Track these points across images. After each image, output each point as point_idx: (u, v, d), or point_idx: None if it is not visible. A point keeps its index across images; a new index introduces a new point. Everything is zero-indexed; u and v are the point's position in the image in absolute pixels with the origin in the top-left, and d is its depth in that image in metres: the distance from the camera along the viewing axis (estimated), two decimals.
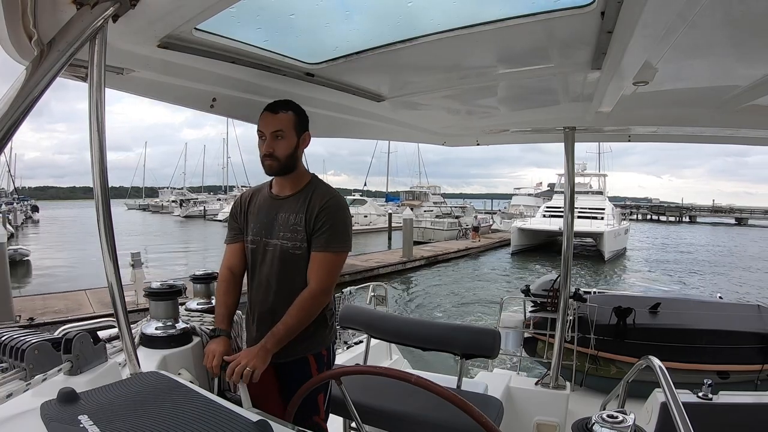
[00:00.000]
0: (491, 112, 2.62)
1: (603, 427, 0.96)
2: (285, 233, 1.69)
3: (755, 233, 43.23)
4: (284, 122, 1.66)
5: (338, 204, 1.70)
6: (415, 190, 47.25)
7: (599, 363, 3.99)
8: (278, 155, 1.65)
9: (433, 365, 6.69)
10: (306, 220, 1.67)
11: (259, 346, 1.54)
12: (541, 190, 44.05)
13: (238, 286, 1.79)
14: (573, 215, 2.90)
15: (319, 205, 1.66)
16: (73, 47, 1.00)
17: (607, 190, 32.66)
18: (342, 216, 1.70)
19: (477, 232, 27.31)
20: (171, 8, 1.09)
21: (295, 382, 1.58)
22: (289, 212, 1.70)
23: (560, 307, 2.89)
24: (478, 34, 1.36)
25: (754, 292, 14.74)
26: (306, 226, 1.67)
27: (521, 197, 43.99)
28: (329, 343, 1.81)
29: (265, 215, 1.75)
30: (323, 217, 1.65)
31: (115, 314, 1.29)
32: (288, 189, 1.75)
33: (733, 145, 21.93)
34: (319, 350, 1.75)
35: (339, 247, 1.67)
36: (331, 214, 1.66)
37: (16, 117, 0.91)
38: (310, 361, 1.73)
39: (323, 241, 1.65)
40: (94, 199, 1.21)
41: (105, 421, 0.94)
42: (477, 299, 13.72)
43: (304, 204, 1.68)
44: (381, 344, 3.26)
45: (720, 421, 1.97)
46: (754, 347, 3.88)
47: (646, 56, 1.40)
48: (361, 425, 1.64)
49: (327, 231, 1.65)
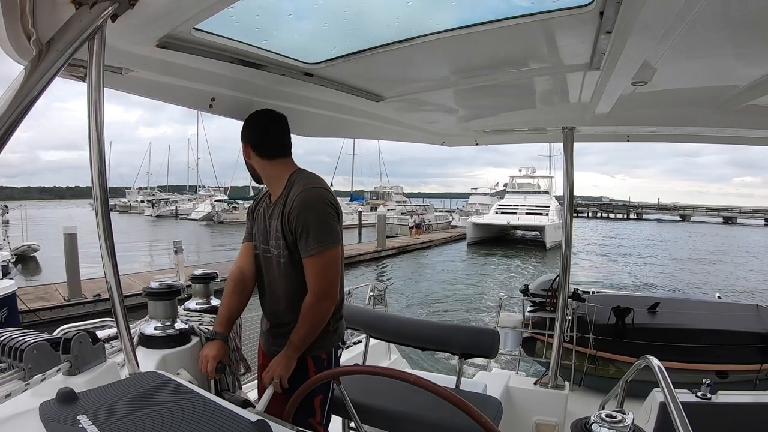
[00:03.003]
0: (490, 112, 2.62)
1: (602, 427, 0.96)
2: (273, 241, 1.68)
3: (694, 228, 49.88)
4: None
5: (308, 197, 1.58)
6: (379, 190, 50.94)
7: (598, 363, 4.00)
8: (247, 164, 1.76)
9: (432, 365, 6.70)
10: (282, 228, 1.62)
11: (282, 354, 1.63)
12: (497, 189, 47.75)
13: (246, 287, 1.78)
14: (572, 215, 2.89)
15: (289, 209, 1.59)
16: (71, 47, 0.99)
17: (554, 190, 36.58)
18: (314, 213, 1.57)
19: (419, 229, 29.63)
20: (170, 8, 1.08)
21: (291, 383, 1.60)
22: (275, 219, 1.66)
23: (559, 307, 2.90)
24: (476, 35, 1.36)
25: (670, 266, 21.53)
26: (284, 232, 1.62)
27: (478, 196, 48.89)
28: (331, 347, 1.75)
29: (262, 222, 1.74)
30: (294, 220, 1.58)
31: (114, 314, 1.29)
32: (275, 193, 1.71)
33: (683, 146, 23.10)
34: (319, 353, 1.72)
35: (317, 248, 1.56)
36: (301, 215, 1.57)
37: (14, 117, 0.91)
38: (308, 363, 1.69)
39: (303, 246, 1.58)
40: (92, 198, 1.21)
41: (104, 421, 0.94)
42: (438, 272, 19.17)
43: (283, 207, 1.63)
44: (380, 344, 3.26)
45: (719, 421, 1.98)
46: (753, 347, 3.90)
47: (645, 56, 1.41)
48: (360, 425, 1.64)
49: (302, 234, 1.57)
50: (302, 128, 2.22)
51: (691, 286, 16.96)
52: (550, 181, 38.60)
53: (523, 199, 32.52)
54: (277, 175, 1.70)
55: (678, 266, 22.07)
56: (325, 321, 1.64)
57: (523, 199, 32.38)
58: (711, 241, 35.19)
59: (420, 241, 26.34)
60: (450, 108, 2.50)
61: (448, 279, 17.43)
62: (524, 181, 38.23)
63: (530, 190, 35.15)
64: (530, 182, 37.68)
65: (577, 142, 2.75)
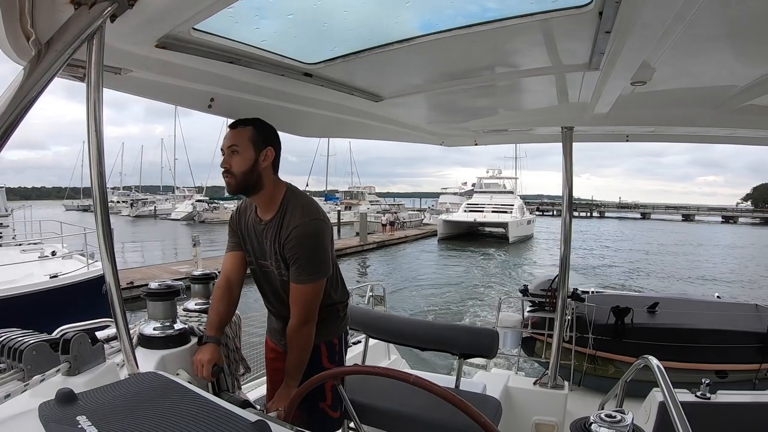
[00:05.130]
0: (489, 112, 2.62)
1: (601, 427, 0.96)
2: (272, 261, 1.71)
3: (654, 225, 55.72)
4: (240, 137, 1.63)
5: (305, 232, 1.61)
6: (353, 190, 54.06)
7: (597, 363, 4.01)
8: (234, 171, 1.62)
9: (432, 365, 6.70)
10: (280, 252, 1.66)
11: (283, 386, 1.69)
12: (465, 189, 49.64)
13: (232, 294, 1.79)
14: (571, 215, 2.89)
15: (285, 236, 1.62)
16: (71, 47, 0.99)
17: (519, 190, 42.37)
18: (310, 243, 1.62)
19: (392, 227, 32.45)
20: (169, 8, 1.08)
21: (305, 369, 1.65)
22: (271, 240, 1.68)
23: (558, 307, 2.89)
24: (475, 35, 1.36)
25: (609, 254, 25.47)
26: (282, 255, 1.66)
27: (448, 196, 51.48)
28: (341, 333, 1.87)
29: (255, 239, 1.75)
30: (289, 250, 1.63)
31: (113, 315, 1.29)
32: (267, 212, 1.70)
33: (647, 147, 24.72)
34: (331, 339, 1.82)
35: (308, 279, 1.63)
36: (298, 245, 1.61)
37: (13, 118, 0.91)
38: (321, 349, 1.78)
39: (294, 273, 1.63)
40: (92, 200, 1.22)
41: (103, 421, 0.94)
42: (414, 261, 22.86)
43: (278, 233, 1.65)
44: (379, 344, 3.26)
45: (718, 421, 1.98)
46: (752, 346, 3.90)
47: (644, 56, 1.41)
48: (359, 425, 1.64)
49: (295, 263, 1.62)
50: (301, 128, 2.22)
51: (645, 272, 20.41)
52: (515, 182, 43.85)
53: (490, 198, 35.59)
54: (275, 189, 1.70)
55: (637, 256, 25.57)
56: (311, 343, 1.69)
57: (489, 199, 35.41)
58: (669, 237, 39.61)
59: (396, 237, 29.42)
60: (449, 108, 2.50)
61: (422, 266, 20.99)
62: (491, 182, 41.56)
63: (497, 190, 38.57)
64: (497, 182, 41.38)
65: (585, 142, 2.74)
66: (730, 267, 22.88)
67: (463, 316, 11.93)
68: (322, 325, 1.75)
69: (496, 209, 32.75)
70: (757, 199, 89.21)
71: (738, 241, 37.53)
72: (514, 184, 42.99)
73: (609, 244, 32.24)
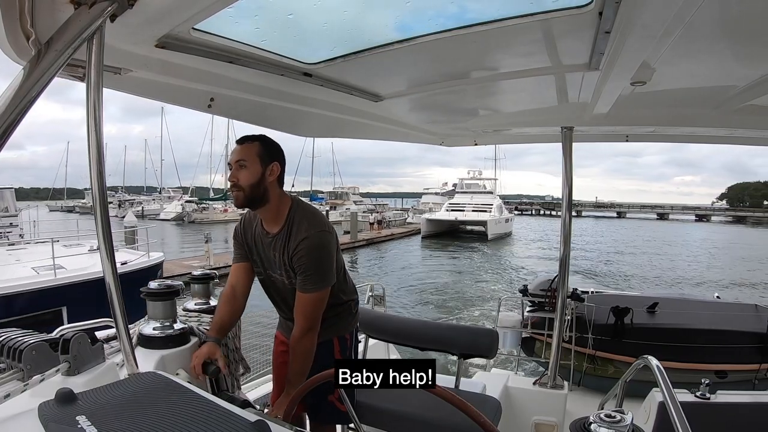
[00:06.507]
0: (489, 112, 2.62)
1: (601, 427, 0.96)
2: (281, 271, 1.75)
3: (629, 223, 58.10)
4: (248, 151, 1.67)
5: (312, 244, 1.67)
6: (337, 191, 54.95)
7: (597, 363, 4.00)
8: (242, 184, 1.66)
9: None
10: (288, 263, 1.71)
11: (285, 394, 1.71)
12: (446, 189, 51.56)
13: (237, 302, 1.83)
14: (570, 215, 2.89)
15: (293, 248, 1.68)
16: (70, 47, 0.99)
17: (498, 190, 45.22)
18: (317, 254, 1.68)
19: (380, 225, 33.80)
20: (169, 8, 1.08)
21: (317, 363, 1.68)
22: (279, 252, 1.73)
23: (558, 307, 2.90)
24: (475, 35, 1.36)
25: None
26: (291, 266, 1.71)
27: (430, 196, 52.86)
28: (353, 328, 1.95)
29: (263, 250, 1.79)
30: (297, 261, 1.68)
31: (113, 314, 1.29)
32: (274, 225, 1.74)
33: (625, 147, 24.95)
34: (344, 334, 1.89)
35: (313, 288, 1.68)
36: (305, 256, 1.66)
37: (13, 118, 0.91)
38: (334, 343, 1.86)
39: (300, 283, 1.69)
40: (91, 198, 1.21)
41: (103, 421, 0.94)
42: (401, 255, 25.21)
43: (286, 245, 1.70)
44: (379, 344, 3.25)
45: (718, 421, 1.98)
46: (752, 347, 3.90)
47: (644, 56, 1.41)
48: (359, 425, 1.64)
49: (302, 273, 1.67)
50: (301, 128, 2.22)
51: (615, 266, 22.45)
52: (494, 183, 46.39)
53: (471, 198, 37.52)
54: (281, 202, 1.73)
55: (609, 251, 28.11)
56: (313, 351, 1.72)
57: (470, 199, 37.30)
58: (642, 233, 42.71)
59: (383, 235, 31.33)
60: (449, 108, 2.50)
61: (409, 259, 23.94)
62: (472, 182, 43.56)
63: (477, 191, 40.75)
64: (477, 183, 43.57)
65: (585, 142, 2.74)
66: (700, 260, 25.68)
67: (448, 297, 14.51)
68: (336, 320, 1.85)
69: (477, 209, 34.75)
70: (732, 198, 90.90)
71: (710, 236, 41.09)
72: (494, 185, 45.47)
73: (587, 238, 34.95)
